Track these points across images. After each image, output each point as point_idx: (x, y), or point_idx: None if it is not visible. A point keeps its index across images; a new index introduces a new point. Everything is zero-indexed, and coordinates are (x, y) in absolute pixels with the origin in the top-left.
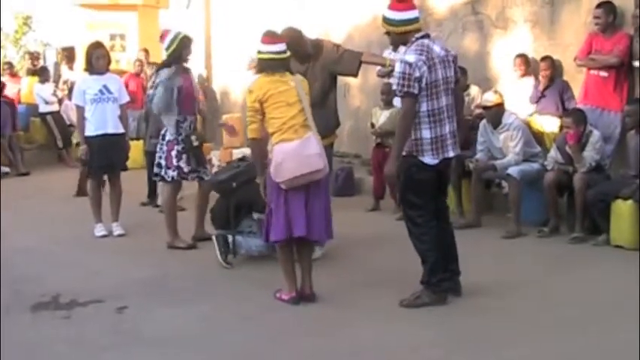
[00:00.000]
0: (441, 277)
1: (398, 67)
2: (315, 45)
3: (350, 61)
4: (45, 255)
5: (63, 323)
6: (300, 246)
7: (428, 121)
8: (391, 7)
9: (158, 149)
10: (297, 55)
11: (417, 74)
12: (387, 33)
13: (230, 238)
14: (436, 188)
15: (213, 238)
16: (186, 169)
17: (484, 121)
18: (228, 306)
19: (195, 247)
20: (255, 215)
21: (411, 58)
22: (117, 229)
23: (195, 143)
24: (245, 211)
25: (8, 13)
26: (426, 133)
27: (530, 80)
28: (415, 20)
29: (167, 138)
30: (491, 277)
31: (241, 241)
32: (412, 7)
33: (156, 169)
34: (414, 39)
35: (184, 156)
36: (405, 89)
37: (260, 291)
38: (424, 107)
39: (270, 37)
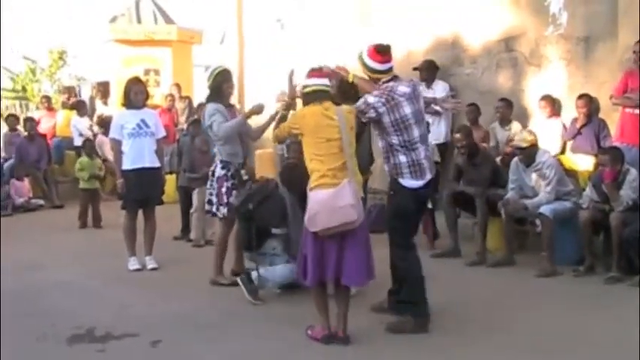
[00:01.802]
0: (423, 296)
1: (359, 102)
2: (341, 78)
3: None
4: (79, 288)
5: (99, 356)
6: (338, 288)
7: (403, 150)
8: (371, 56)
9: (209, 185)
10: (348, 96)
11: (373, 115)
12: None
13: (255, 274)
14: (417, 214)
15: (238, 279)
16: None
17: (516, 159)
18: (260, 343)
19: (237, 284)
20: (275, 231)
21: (370, 99)
22: (150, 263)
23: (245, 177)
24: (267, 232)
25: (43, 47)
26: (403, 158)
27: (557, 121)
28: (389, 70)
29: (217, 174)
30: (525, 316)
31: (266, 274)
32: (389, 60)
33: (207, 207)
34: (380, 83)
35: (234, 192)
36: (362, 119)
37: (290, 328)
38: (395, 140)
39: (317, 71)
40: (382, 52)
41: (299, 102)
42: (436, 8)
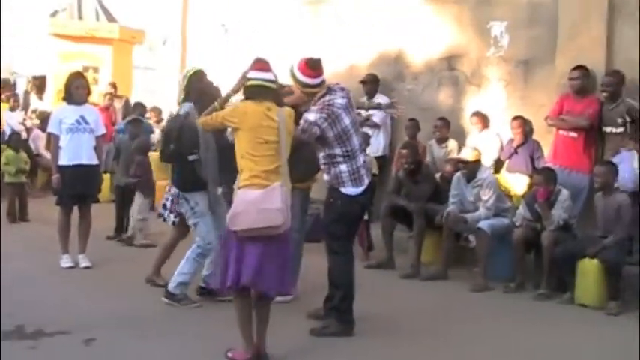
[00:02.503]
0: (350, 306)
1: (301, 122)
2: (288, 92)
3: None
4: (8, 284)
5: (30, 353)
6: (257, 299)
7: (344, 159)
8: (302, 71)
9: (167, 190)
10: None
11: (318, 133)
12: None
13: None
14: (356, 220)
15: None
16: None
17: (458, 174)
18: (196, 343)
19: None
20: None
21: (311, 116)
22: (83, 261)
23: None
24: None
25: None
26: (344, 167)
27: (490, 133)
28: (320, 84)
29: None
30: (455, 328)
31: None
32: (321, 74)
33: (161, 210)
34: (315, 98)
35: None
36: (306, 139)
37: (227, 327)
38: (338, 151)
39: (261, 64)
40: (313, 66)
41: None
42: (381, 24)
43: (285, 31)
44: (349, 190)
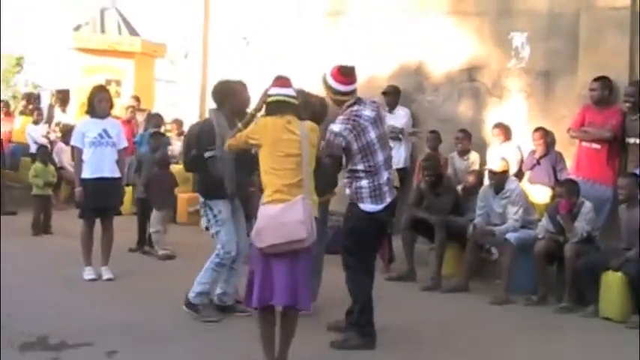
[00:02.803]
0: (370, 319)
1: (327, 134)
2: (321, 103)
3: None
4: (32, 295)
5: None
6: (284, 314)
7: (365, 175)
8: (335, 78)
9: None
10: (304, 113)
11: (343, 144)
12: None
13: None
14: (377, 237)
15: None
16: None
17: (485, 186)
18: (217, 355)
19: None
20: None
21: (336, 128)
22: (106, 273)
23: None
24: None
25: None
26: (364, 183)
27: (511, 144)
28: (353, 92)
29: None
30: (476, 341)
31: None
32: (353, 82)
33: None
34: (344, 107)
35: None
36: (329, 153)
37: (244, 340)
38: (360, 166)
39: (282, 80)
40: (346, 73)
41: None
42: (402, 34)
43: (305, 43)
44: (368, 206)
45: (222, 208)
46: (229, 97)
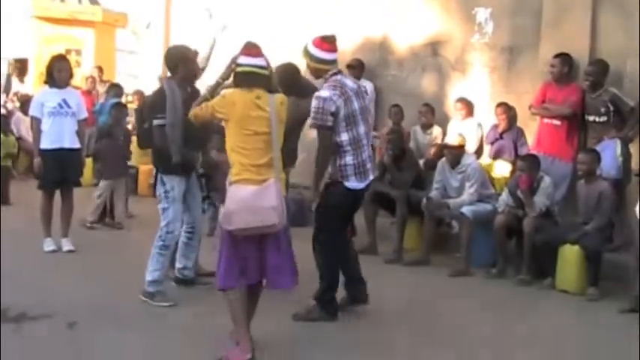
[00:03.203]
0: (333, 297)
1: (313, 102)
2: (308, 86)
3: None
4: None
5: (13, 337)
6: (252, 290)
7: (350, 149)
8: (319, 46)
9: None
10: (293, 90)
11: (333, 109)
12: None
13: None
14: (351, 212)
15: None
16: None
17: (443, 160)
18: (180, 331)
19: None
20: None
21: (325, 93)
22: (66, 245)
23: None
24: None
25: None
26: (349, 160)
27: (472, 121)
28: (334, 61)
29: None
30: (436, 313)
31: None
32: (335, 49)
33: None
34: (327, 76)
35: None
36: (320, 122)
37: (211, 316)
38: (345, 137)
39: (251, 49)
40: (330, 41)
41: None
42: (366, 8)
43: (269, 17)
44: (352, 184)
45: (175, 185)
46: (182, 62)
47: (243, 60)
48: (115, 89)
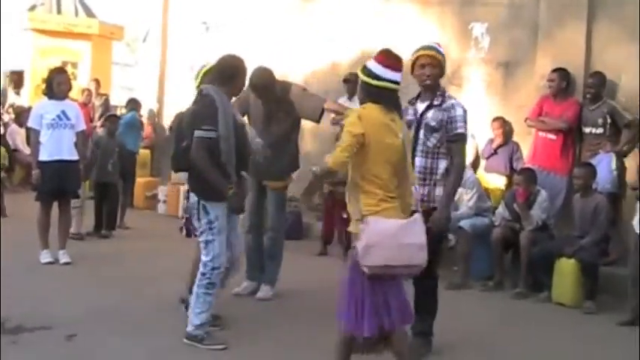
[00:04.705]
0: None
1: (460, 112)
2: (282, 87)
3: (313, 107)
4: None
5: (10, 348)
6: (393, 336)
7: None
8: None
9: (184, 199)
10: (267, 95)
11: None
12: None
13: None
14: None
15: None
16: None
17: None
18: (176, 339)
19: None
20: None
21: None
22: (63, 257)
23: None
24: None
25: None
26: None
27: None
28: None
29: None
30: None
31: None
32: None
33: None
34: (442, 93)
35: None
36: (465, 133)
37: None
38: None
39: (394, 60)
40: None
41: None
42: (364, 23)
43: (265, 30)
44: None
45: (219, 214)
46: (237, 74)
47: (382, 72)
48: (133, 104)
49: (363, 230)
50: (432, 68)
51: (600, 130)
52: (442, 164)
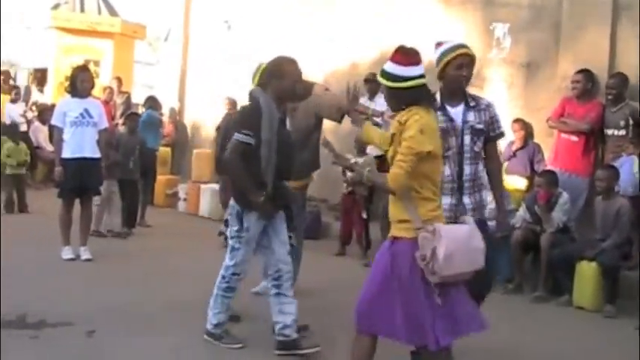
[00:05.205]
0: None
1: (495, 109)
2: (305, 86)
3: (334, 107)
4: (10, 274)
5: (31, 343)
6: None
7: None
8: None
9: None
10: (292, 92)
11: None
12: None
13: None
14: None
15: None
16: None
17: None
18: (199, 338)
19: None
20: None
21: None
22: (84, 254)
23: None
24: None
25: None
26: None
27: None
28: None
29: None
30: None
31: None
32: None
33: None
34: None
35: None
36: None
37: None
38: None
39: (413, 55)
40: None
41: None
42: (385, 22)
43: (287, 29)
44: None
45: (252, 225)
46: (286, 76)
47: (407, 71)
48: (151, 102)
49: (432, 239)
50: (469, 69)
51: (623, 132)
52: (481, 167)
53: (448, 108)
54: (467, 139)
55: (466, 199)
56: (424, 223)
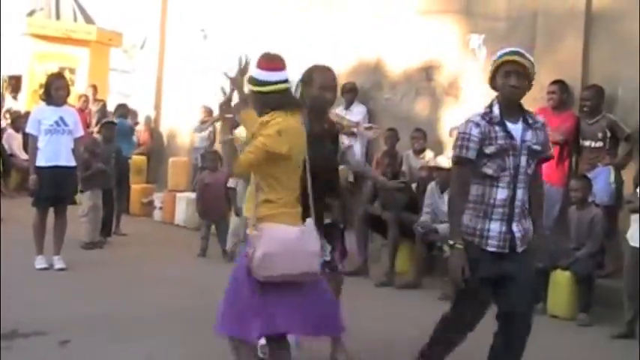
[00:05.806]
0: None
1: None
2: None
3: None
4: None
5: (5, 354)
6: (278, 344)
7: None
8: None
9: None
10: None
11: None
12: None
13: None
14: None
15: None
16: None
17: (432, 184)
18: (171, 347)
19: None
20: None
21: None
22: (58, 263)
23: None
24: None
25: None
26: None
27: None
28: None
29: None
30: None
31: None
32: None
33: None
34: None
35: None
36: None
37: (205, 332)
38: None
39: (276, 60)
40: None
41: None
42: (362, 33)
43: (265, 37)
44: None
45: None
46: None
47: (266, 75)
48: (122, 110)
49: (260, 238)
50: (518, 78)
51: (600, 144)
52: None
53: (508, 124)
54: (523, 160)
55: (514, 227)
56: (258, 221)
